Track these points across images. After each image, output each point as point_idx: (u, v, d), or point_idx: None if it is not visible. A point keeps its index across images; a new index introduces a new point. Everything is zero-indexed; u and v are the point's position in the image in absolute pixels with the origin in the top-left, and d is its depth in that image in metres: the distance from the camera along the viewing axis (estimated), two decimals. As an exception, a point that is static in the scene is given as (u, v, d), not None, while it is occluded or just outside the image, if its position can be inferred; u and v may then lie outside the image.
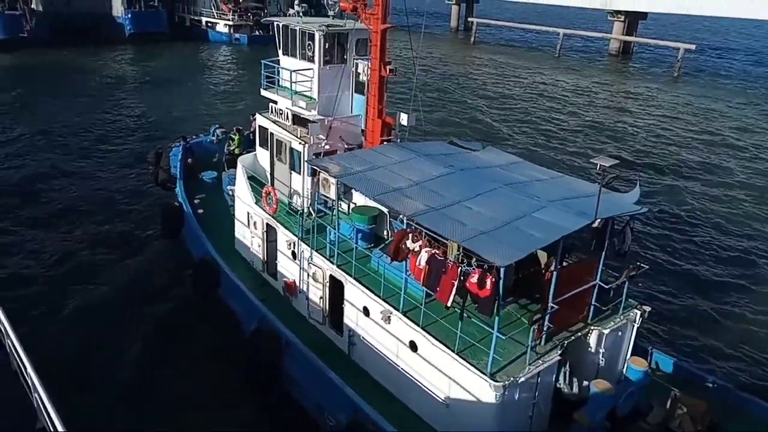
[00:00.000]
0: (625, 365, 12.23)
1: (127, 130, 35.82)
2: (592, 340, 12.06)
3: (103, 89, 47.20)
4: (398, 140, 15.66)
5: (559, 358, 11.16)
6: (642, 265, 12.46)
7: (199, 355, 15.10)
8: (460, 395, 10.93)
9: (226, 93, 48.70)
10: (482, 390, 10.43)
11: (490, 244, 10.09)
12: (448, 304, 10.73)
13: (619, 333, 12.50)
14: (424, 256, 10.85)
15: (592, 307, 12.02)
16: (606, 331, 12.00)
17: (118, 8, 72.10)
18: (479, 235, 10.35)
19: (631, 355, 12.94)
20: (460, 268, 10.48)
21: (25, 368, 7.17)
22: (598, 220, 10.85)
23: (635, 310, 12.65)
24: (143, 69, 57.53)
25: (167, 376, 14.47)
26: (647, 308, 12.85)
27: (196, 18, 77.21)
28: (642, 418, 11.24)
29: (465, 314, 10.85)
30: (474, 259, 10.68)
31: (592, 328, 12.00)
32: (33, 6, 62.08)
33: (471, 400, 10.73)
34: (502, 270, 9.83)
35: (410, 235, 11.23)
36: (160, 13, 72.81)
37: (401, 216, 12.09)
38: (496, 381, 10.26)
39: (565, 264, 11.57)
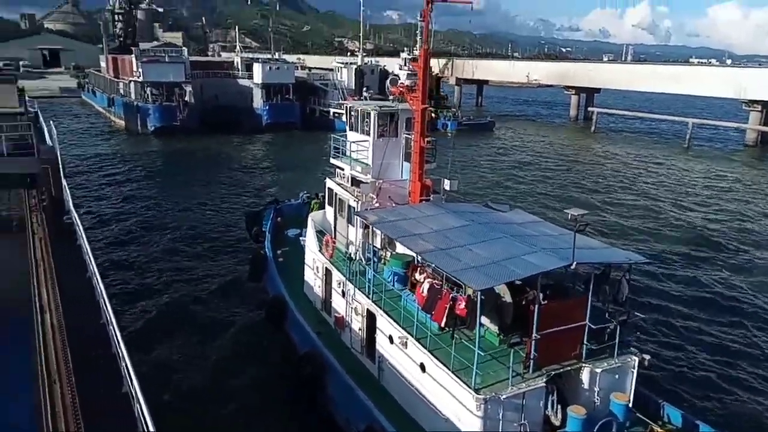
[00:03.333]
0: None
1: (247, 197, 43.00)
2: (585, 376, 13.79)
3: (237, 167, 55.85)
4: (442, 201, 18.84)
5: (543, 385, 13.11)
6: (636, 313, 14.15)
7: (262, 372, 18.73)
8: (454, 409, 13.19)
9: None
10: (469, 403, 12.67)
11: (474, 274, 12.75)
12: (442, 324, 13.36)
13: (616, 376, 14.06)
14: (425, 285, 13.72)
15: (584, 345, 13.84)
16: (598, 371, 13.73)
17: (258, 101, 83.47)
18: (468, 268, 13.05)
19: (639, 404, 14.35)
20: (451, 294, 13.19)
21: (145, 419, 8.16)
22: (574, 264, 13.02)
23: (633, 357, 14.21)
24: (274, 153, 66.64)
25: (235, 385, 18.18)
26: (647, 357, 14.35)
27: (325, 109, 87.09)
28: (619, 448, 12.67)
29: (462, 341, 13.33)
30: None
31: (584, 365, 13.79)
32: (186, 99, 74.57)
33: (462, 413, 12.95)
34: (478, 293, 12.42)
35: (418, 269, 14.18)
36: (294, 105, 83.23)
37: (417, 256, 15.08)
38: (479, 394, 12.51)
39: (551, 302, 13.71)
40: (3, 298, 13.60)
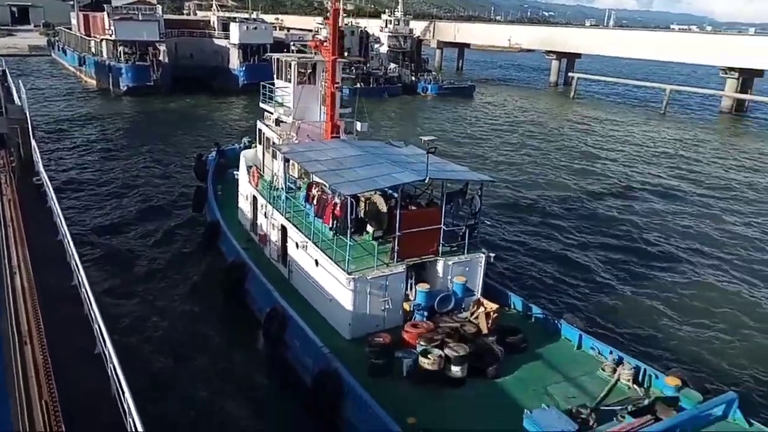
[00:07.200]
0: (453, 283, 18.69)
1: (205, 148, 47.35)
2: (439, 267, 18.82)
3: (211, 126, 60.12)
4: (354, 139, 23.65)
5: (403, 271, 18.11)
6: (483, 220, 19.14)
7: (196, 276, 24.65)
8: (335, 289, 18.14)
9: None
10: (344, 281, 17.61)
11: (348, 185, 17.65)
12: (329, 224, 18.39)
13: (466, 268, 19.09)
14: (315, 196, 18.65)
15: (440, 244, 18.82)
16: (450, 263, 18.77)
17: (234, 62, 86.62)
18: (346, 182, 17.93)
19: (491, 294, 19.40)
20: (334, 201, 18.12)
21: (124, 393, 8.43)
22: (428, 178, 17.96)
23: (481, 254, 19.26)
24: (250, 112, 69.72)
25: (181, 294, 23.61)
26: (492, 255, 19.43)
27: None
28: (455, 314, 17.75)
29: (347, 242, 18.25)
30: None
31: (439, 259, 18.81)
32: (160, 58, 77.96)
33: (340, 290, 17.86)
34: (348, 198, 17.37)
35: (313, 186, 19.12)
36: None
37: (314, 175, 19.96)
38: (350, 275, 17.47)
39: (412, 208, 18.71)
40: None
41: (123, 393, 8.36)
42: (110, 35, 77.87)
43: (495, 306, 17.45)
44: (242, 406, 17.32)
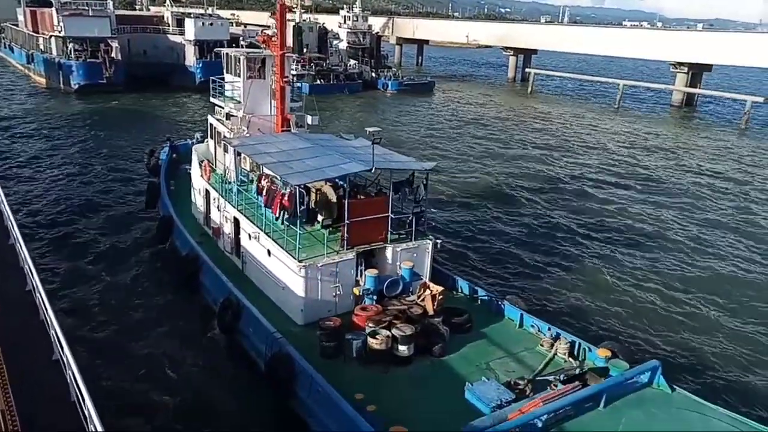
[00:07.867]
0: (401, 268, 19.61)
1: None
2: (388, 254, 19.68)
3: (166, 125, 58.97)
4: (306, 132, 24.33)
5: (353, 258, 18.89)
6: (431, 209, 20.06)
7: (151, 271, 24.97)
8: (287, 277, 18.82)
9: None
10: (295, 269, 18.30)
11: (297, 176, 18.34)
12: (277, 215, 19.03)
13: (414, 254, 19.99)
14: (265, 187, 19.29)
15: (388, 231, 19.67)
16: (398, 249, 19.65)
17: (190, 58, 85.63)
18: (294, 172, 18.61)
19: (439, 278, 20.32)
20: (282, 191, 18.81)
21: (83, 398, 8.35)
22: (374, 168, 18.78)
23: (428, 241, 20.19)
24: (207, 109, 69.61)
25: (136, 288, 23.90)
26: (438, 241, 20.41)
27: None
28: (403, 297, 18.64)
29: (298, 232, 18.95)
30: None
31: (387, 246, 19.67)
32: (113, 55, 76.64)
33: (292, 277, 18.55)
34: (297, 188, 18.05)
35: (263, 178, 19.76)
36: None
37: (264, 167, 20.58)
38: (301, 263, 18.17)
39: (361, 198, 19.51)
40: None
41: (83, 398, 8.34)
42: (59, 32, 76.08)
43: (440, 288, 18.37)
44: (201, 394, 17.80)
